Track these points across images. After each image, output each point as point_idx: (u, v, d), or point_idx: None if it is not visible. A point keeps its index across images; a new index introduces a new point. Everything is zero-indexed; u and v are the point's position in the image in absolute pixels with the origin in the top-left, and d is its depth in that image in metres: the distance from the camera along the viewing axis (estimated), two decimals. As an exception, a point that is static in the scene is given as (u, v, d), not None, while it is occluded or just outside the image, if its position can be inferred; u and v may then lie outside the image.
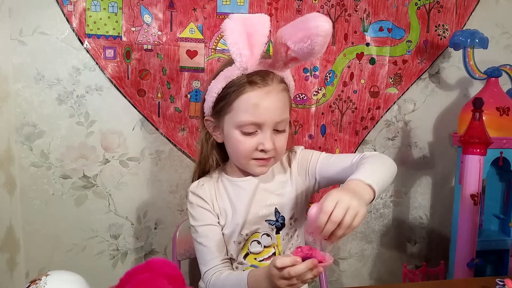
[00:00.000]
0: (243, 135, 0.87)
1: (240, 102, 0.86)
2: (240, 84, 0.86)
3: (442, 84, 1.64)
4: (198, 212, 0.94)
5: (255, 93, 0.86)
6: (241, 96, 0.86)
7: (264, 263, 0.93)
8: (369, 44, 1.53)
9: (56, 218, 1.36)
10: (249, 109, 0.85)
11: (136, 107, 1.38)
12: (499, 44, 1.64)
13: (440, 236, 1.71)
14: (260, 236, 0.94)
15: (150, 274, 0.58)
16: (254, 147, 0.88)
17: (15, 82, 1.29)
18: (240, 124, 0.87)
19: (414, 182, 1.67)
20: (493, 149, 1.37)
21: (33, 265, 1.36)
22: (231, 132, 0.89)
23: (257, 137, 0.87)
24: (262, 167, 0.91)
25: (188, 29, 1.38)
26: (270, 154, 0.89)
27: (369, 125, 1.58)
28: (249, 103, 0.85)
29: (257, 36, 0.81)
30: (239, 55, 0.79)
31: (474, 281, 0.98)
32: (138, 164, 1.40)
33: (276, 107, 0.87)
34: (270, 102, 0.86)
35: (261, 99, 0.85)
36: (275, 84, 0.88)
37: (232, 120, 0.88)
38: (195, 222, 0.94)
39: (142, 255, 1.45)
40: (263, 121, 0.86)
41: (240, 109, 0.86)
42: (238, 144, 0.89)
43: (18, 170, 1.32)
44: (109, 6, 1.32)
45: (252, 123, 0.86)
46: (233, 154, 0.93)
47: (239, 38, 0.79)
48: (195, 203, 0.95)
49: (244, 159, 0.90)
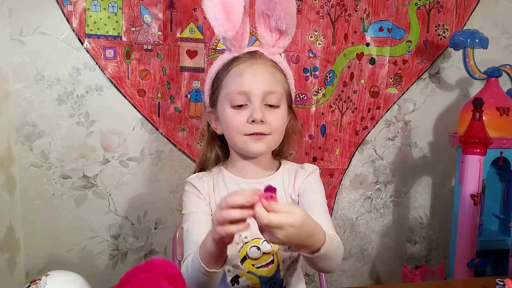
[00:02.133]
0: (234, 109, 0.87)
1: (228, 77, 0.89)
2: (230, 63, 0.90)
3: (442, 84, 1.64)
4: (191, 200, 0.94)
5: (241, 65, 0.89)
6: (230, 72, 0.89)
7: (262, 270, 0.92)
8: (369, 44, 1.53)
9: (56, 218, 1.36)
10: (235, 80, 0.88)
11: (136, 107, 1.38)
12: (499, 44, 1.64)
13: (440, 236, 1.71)
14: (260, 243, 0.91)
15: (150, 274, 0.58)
16: (245, 119, 0.86)
17: (15, 82, 1.29)
18: (230, 97, 0.87)
19: (414, 182, 1.67)
20: (493, 149, 1.37)
21: (33, 265, 1.36)
22: (224, 110, 0.89)
23: (247, 109, 0.87)
24: (257, 143, 0.88)
25: (188, 29, 1.38)
26: (264, 129, 0.87)
27: (369, 125, 1.58)
28: (235, 75, 0.89)
29: (233, 2, 0.86)
30: (215, 20, 0.85)
31: (474, 281, 0.98)
32: (138, 164, 1.40)
33: (263, 77, 0.88)
34: (255, 71, 0.89)
35: (246, 69, 0.88)
36: (262, 60, 0.91)
37: (223, 96, 0.89)
38: (186, 210, 0.93)
39: (142, 255, 1.45)
40: (249, 90, 0.86)
41: (228, 82, 0.89)
42: (230, 119, 0.88)
43: (18, 170, 1.32)
44: (109, 6, 1.32)
45: (238, 92, 0.87)
46: (227, 132, 0.91)
47: (214, 5, 0.85)
48: (190, 192, 0.94)
49: (237, 135, 0.88)
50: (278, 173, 0.97)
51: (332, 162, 1.56)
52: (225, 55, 0.93)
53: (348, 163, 1.59)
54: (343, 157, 1.57)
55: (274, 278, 0.92)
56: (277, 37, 0.93)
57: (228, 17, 0.85)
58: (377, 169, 1.62)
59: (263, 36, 0.93)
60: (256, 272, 0.91)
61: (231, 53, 0.92)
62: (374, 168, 1.62)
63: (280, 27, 0.91)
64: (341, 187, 1.59)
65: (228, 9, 0.85)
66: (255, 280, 0.91)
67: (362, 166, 1.61)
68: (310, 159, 1.53)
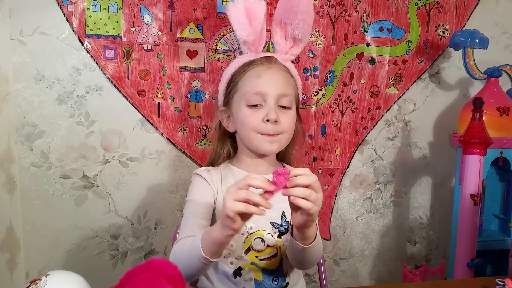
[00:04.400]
0: (250, 108, 0.93)
1: (245, 78, 0.95)
2: (247, 65, 0.96)
3: (442, 84, 1.64)
4: (197, 188, 0.96)
5: (258, 68, 0.95)
6: (247, 73, 0.95)
7: (265, 262, 0.93)
8: (369, 44, 1.53)
9: (56, 218, 1.36)
10: (253, 81, 0.94)
11: (136, 107, 1.38)
12: (499, 44, 1.64)
13: (440, 236, 1.71)
14: (265, 235, 0.94)
15: (150, 274, 0.58)
16: (260, 119, 0.92)
17: (15, 82, 1.29)
18: (246, 97, 0.93)
19: (414, 182, 1.67)
20: (493, 149, 1.37)
21: (33, 265, 1.36)
22: (240, 109, 0.94)
23: (262, 109, 0.92)
24: (270, 143, 0.94)
25: (188, 29, 1.38)
26: (277, 129, 0.93)
27: (369, 125, 1.58)
28: (253, 76, 0.94)
29: (255, 10, 0.93)
30: (238, 24, 0.92)
31: (474, 281, 0.98)
32: (138, 164, 1.40)
33: (278, 80, 0.95)
34: (272, 74, 0.95)
35: (263, 72, 0.94)
36: (277, 64, 0.97)
37: (240, 96, 0.95)
38: (190, 196, 0.96)
39: (142, 255, 1.45)
40: (266, 91, 0.92)
41: (245, 83, 0.95)
42: (246, 118, 0.93)
43: (18, 170, 1.32)
44: (109, 6, 1.32)
45: (256, 92, 0.92)
46: (241, 130, 0.96)
47: (238, 11, 0.92)
48: (197, 182, 0.97)
49: (252, 133, 0.93)
50: None
51: (332, 162, 1.56)
52: (241, 57, 0.99)
53: (348, 163, 1.59)
54: (343, 157, 1.57)
55: (276, 271, 0.94)
56: (291, 44, 1.00)
57: (250, 22, 0.92)
58: (377, 169, 1.62)
59: (278, 43, 1.00)
60: (259, 263, 0.93)
61: (247, 56, 0.98)
62: (374, 168, 1.62)
63: (296, 35, 0.98)
64: (341, 187, 1.59)
65: (251, 15, 0.92)
66: (258, 272, 0.93)
67: (362, 166, 1.61)
68: (310, 159, 1.53)
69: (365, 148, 1.60)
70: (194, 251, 0.77)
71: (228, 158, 1.03)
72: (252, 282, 0.93)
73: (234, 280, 0.92)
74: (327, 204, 1.57)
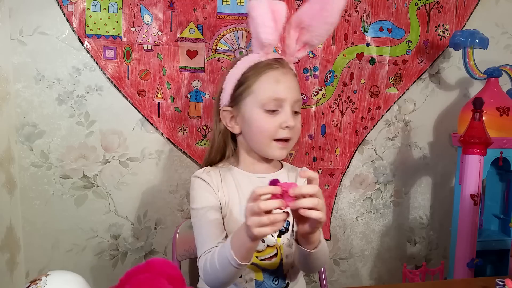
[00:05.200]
0: (266, 114, 0.91)
1: (261, 81, 0.92)
2: (259, 66, 0.93)
3: (442, 84, 1.64)
4: (201, 195, 0.94)
5: (274, 72, 0.92)
6: (262, 76, 0.92)
7: (265, 263, 0.93)
8: (369, 44, 1.53)
9: (56, 218, 1.36)
10: (271, 86, 0.91)
11: (136, 107, 1.38)
12: (499, 44, 1.64)
13: (440, 236, 1.71)
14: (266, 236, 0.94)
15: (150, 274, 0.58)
16: (277, 125, 0.91)
17: (15, 82, 1.29)
18: (263, 102, 0.90)
19: (414, 182, 1.67)
20: (493, 149, 1.37)
21: (33, 265, 1.36)
22: (254, 113, 0.92)
23: (279, 115, 0.91)
24: (282, 150, 0.94)
25: (188, 29, 1.38)
26: (291, 134, 0.92)
27: (369, 125, 1.58)
28: (270, 81, 0.91)
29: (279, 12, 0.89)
30: (264, 27, 0.87)
31: (474, 281, 0.98)
32: (138, 164, 1.40)
33: (293, 86, 0.94)
34: (289, 80, 0.93)
35: (281, 77, 0.92)
36: (289, 68, 0.96)
37: (255, 100, 0.92)
38: (196, 204, 0.94)
39: (142, 255, 1.45)
40: (285, 97, 0.91)
41: (261, 87, 0.91)
42: (262, 123, 0.91)
43: (18, 170, 1.32)
44: (109, 6, 1.32)
45: (274, 98, 0.90)
46: (256, 135, 0.94)
47: (265, 13, 0.87)
48: (198, 186, 0.95)
49: (267, 139, 0.92)
50: (283, 170, 1.02)
51: (332, 162, 1.56)
52: (251, 57, 0.95)
53: (348, 163, 1.59)
54: (343, 157, 1.57)
55: (277, 272, 0.94)
56: (299, 48, 0.97)
57: (276, 26, 0.89)
58: (377, 169, 1.62)
59: (289, 45, 0.96)
60: (259, 264, 0.93)
61: (258, 56, 0.94)
62: (374, 168, 1.62)
63: (311, 42, 0.95)
64: (341, 187, 1.59)
65: (276, 17, 0.89)
66: (259, 272, 0.93)
67: (362, 166, 1.61)
68: (310, 159, 1.53)
69: (365, 148, 1.60)
70: (227, 259, 0.78)
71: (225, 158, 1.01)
72: (253, 282, 0.93)
73: None
74: (327, 204, 1.57)
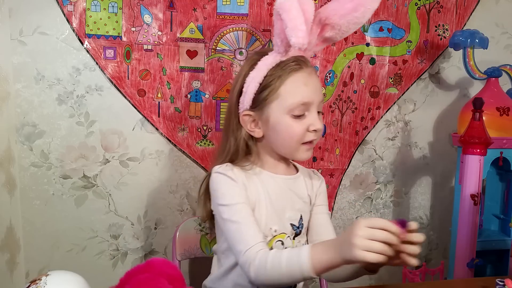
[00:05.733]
0: (294, 119, 0.88)
1: (287, 85, 0.87)
2: (283, 68, 0.88)
3: (442, 84, 1.64)
4: (231, 189, 0.89)
5: (300, 74, 0.88)
6: (288, 79, 0.87)
7: None
8: (369, 44, 1.53)
9: (56, 218, 1.36)
10: (299, 90, 0.87)
11: (136, 107, 1.38)
12: (499, 44, 1.64)
13: (440, 236, 1.71)
14: (285, 238, 0.93)
15: (150, 274, 0.58)
16: (305, 129, 0.89)
17: (15, 82, 1.29)
18: (291, 107, 0.87)
19: (414, 182, 1.67)
20: (493, 149, 1.37)
21: (33, 265, 1.36)
22: (281, 119, 0.88)
23: (306, 119, 0.89)
24: (308, 151, 0.92)
25: (188, 29, 1.38)
26: (317, 135, 0.91)
27: (369, 125, 1.58)
28: (298, 84, 0.87)
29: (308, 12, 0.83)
30: (296, 30, 0.80)
31: (474, 281, 0.98)
32: (138, 164, 1.40)
33: (318, 86, 0.91)
34: (315, 81, 0.90)
35: (308, 79, 0.88)
36: (311, 67, 0.91)
37: (281, 105, 0.88)
38: (227, 200, 0.88)
39: (142, 255, 1.45)
40: (312, 100, 0.88)
41: (288, 92, 0.87)
42: (291, 128, 0.88)
43: (18, 170, 1.32)
44: (109, 6, 1.32)
45: (303, 103, 0.87)
46: (285, 141, 0.90)
47: (297, 15, 0.80)
48: (225, 182, 0.90)
49: (296, 144, 0.90)
50: (300, 174, 1.00)
51: (332, 162, 1.56)
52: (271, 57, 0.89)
53: (348, 163, 1.59)
54: (343, 157, 1.57)
55: None
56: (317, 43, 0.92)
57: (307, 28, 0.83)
58: (377, 169, 1.62)
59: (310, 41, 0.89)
60: None
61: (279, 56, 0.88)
62: (374, 168, 1.62)
63: (334, 38, 0.91)
64: (341, 187, 1.59)
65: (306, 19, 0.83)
66: None
67: (362, 166, 1.61)
68: (310, 159, 1.53)
69: (365, 148, 1.60)
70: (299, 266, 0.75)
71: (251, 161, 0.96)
72: None
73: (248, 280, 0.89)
74: (327, 204, 1.57)
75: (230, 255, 0.93)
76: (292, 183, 0.97)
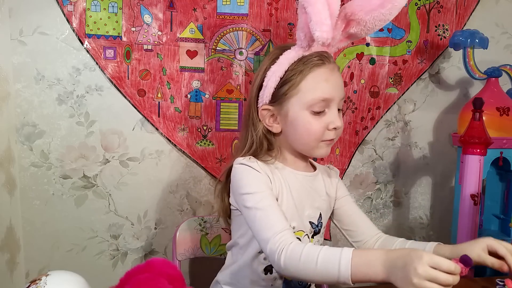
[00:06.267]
0: (313, 115, 0.86)
1: (308, 80, 0.86)
2: (305, 63, 0.86)
3: (442, 84, 1.64)
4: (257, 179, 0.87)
5: (322, 69, 0.86)
6: (309, 74, 0.86)
7: None
8: (369, 44, 1.53)
9: (56, 218, 1.36)
10: (319, 86, 0.86)
11: (136, 107, 1.38)
12: (499, 44, 1.64)
13: (440, 236, 1.71)
14: (303, 235, 0.92)
15: (150, 274, 0.58)
16: (325, 126, 0.87)
17: (15, 82, 1.29)
18: (311, 103, 0.86)
19: (414, 182, 1.67)
20: (493, 149, 1.37)
21: (33, 265, 1.36)
22: (300, 114, 0.87)
23: (326, 116, 0.87)
24: (327, 147, 0.91)
25: (188, 29, 1.38)
26: (336, 133, 0.89)
27: (369, 125, 1.58)
28: (318, 80, 0.86)
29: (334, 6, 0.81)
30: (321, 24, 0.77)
31: (474, 281, 0.98)
32: (138, 164, 1.40)
33: (340, 83, 0.89)
34: (336, 78, 0.88)
35: (329, 75, 0.87)
36: (333, 63, 0.89)
37: (301, 101, 0.86)
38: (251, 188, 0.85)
39: (142, 255, 1.45)
40: (333, 97, 0.86)
41: (309, 87, 0.86)
42: (309, 125, 0.87)
43: (18, 170, 1.32)
44: (109, 6, 1.32)
45: (323, 99, 0.86)
46: (302, 137, 0.89)
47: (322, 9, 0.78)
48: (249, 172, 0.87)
49: (315, 141, 0.88)
50: (318, 171, 0.99)
51: (332, 162, 1.56)
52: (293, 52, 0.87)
53: (348, 163, 1.59)
54: (343, 157, 1.57)
55: None
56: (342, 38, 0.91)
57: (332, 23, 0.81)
58: (377, 169, 1.62)
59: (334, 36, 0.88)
60: None
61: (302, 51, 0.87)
62: (374, 168, 1.62)
63: (359, 34, 0.89)
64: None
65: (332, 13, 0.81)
66: None
67: (362, 166, 1.61)
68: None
69: (365, 148, 1.60)
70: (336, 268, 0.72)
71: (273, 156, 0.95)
72: (281, 280, 0.91)
73: (263, 276, 0.90)
74: (327, 204, 1.57)
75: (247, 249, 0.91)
76: (312, 180, 0.96)
